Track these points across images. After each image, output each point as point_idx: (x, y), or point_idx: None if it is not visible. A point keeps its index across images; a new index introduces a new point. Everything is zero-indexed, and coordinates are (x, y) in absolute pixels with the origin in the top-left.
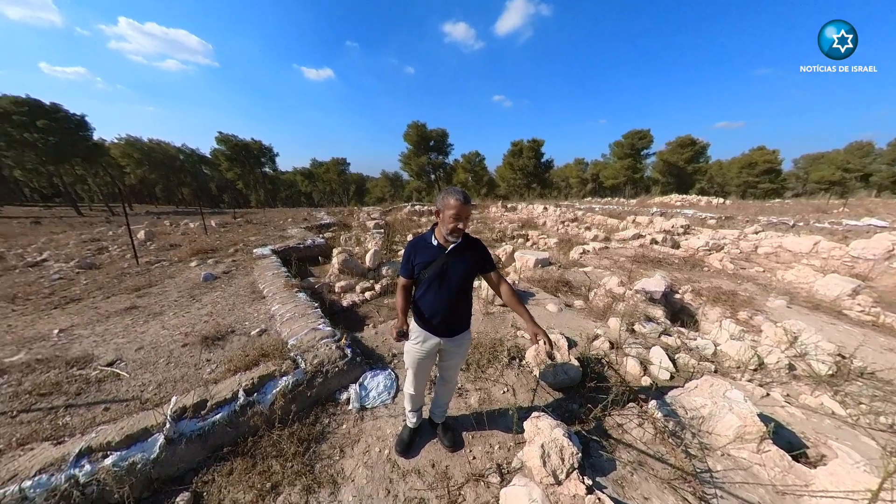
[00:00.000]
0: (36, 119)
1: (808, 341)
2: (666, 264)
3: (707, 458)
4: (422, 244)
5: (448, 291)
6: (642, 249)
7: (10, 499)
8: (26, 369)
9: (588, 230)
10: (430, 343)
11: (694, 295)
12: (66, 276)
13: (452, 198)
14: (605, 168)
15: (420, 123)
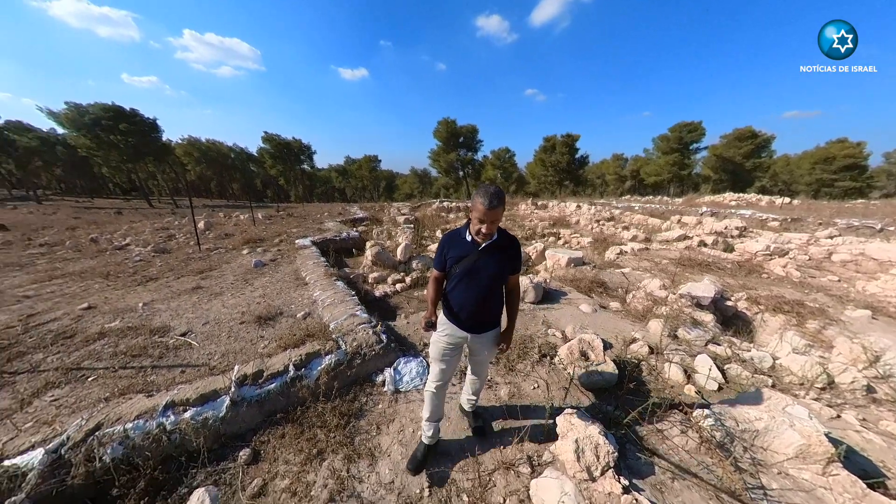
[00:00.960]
0: (119, 123)
1: (894, 361)
2: (716, 269)
3: (760, 475)
4: (456, 238)
5: (477, 287)
6: (688, 252)
7: (117, 435)
8: (120, 334)
9: (626, 230)
10: (457, 337)
11: (750, 303)
12: (145, 259)
13: (479, 200)
14: (647, 164)
15: (450, 120)
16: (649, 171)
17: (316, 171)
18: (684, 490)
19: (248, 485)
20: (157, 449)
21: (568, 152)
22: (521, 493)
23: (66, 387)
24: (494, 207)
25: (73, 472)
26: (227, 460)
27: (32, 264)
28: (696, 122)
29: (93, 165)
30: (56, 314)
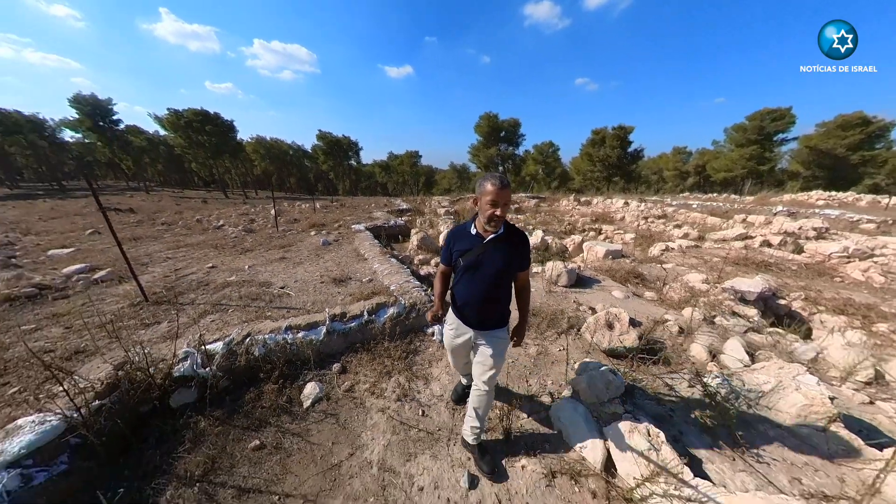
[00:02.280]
0: (205, 125)
1: None
2: (777, 269)
3: (758, 425)
4: (462, 232)
5: (482, 282)
6: (746, 251)
7: (260, 341)
8: (239, 285)
9: (677, 227)
10: (463, 333)
11: (807, 303)
12: (238, 236)
13: (489, 182)
14: (716, 158)
15: (492, 114)
16: (718, 166)
17: (361, 166)
18: (681, 423)
19: (341, 384)
20: (284, 354)
21: (619, 146)
22: (542, 415)
23: (216, 314)
24: (506, 187)
25: (237, 359)
26: (325, 369)
27: (162, 237)
28: (784, 109)
29: (184, 161)
30: (192, 270)
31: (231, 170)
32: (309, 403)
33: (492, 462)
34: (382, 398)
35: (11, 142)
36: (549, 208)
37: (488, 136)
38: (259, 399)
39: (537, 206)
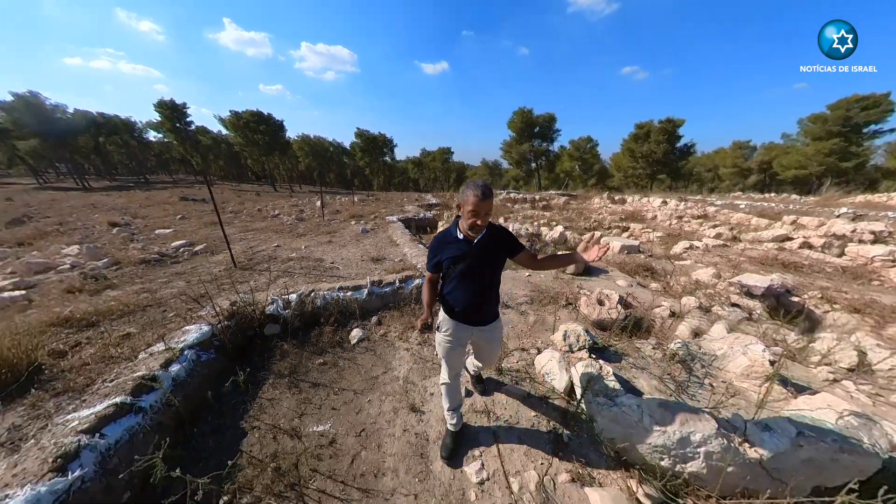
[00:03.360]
0: (260, 125)
1: None
2: (810, 271)
3: (705, 380)
4: (448, 239)
5: (479, 284)
6: (779, 252)
7: (320, 296)
8: (299, 259)
9: (712, 227)
10: (462, 333)
11: (823, 301)
12: (292, 224)
13: (472, 193)
14: (786, 153)
15: (526, 110)
16: (788, 163)
17: (395, 162)
18: (640, 375)
19: (377, 331)
20: (337, 306)
21: (666, 140)
22: (528, 361)
23: (286, 278)
24: (487, 198)
25: (306, 307)
26: (366, 320)
27: (232, 223)
28: (879, 95)
29: (241, 158)
30: (262, 248)
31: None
32: (355, 341)
33: (483, 385)
34: (407, 342)
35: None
36: (579, 206)
37: (521, 132)
38: (320, 336)
39: (567, 204)
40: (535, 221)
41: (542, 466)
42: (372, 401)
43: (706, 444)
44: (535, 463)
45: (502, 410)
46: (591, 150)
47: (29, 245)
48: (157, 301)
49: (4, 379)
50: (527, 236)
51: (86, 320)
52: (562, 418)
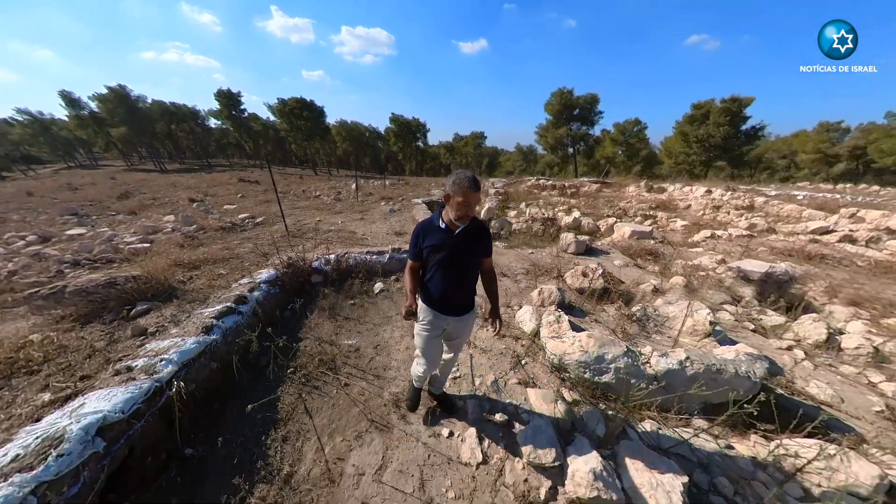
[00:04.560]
0: (303, 111)
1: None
2: (836, 264)
3: (654, 335)
4: (430, 227)
5: (456, 272)
6: (810, 244)
7: (352, 257)
8: (337, 231)
9: (748, 218)
10: (439, 323)
11: (825, 293)
12: (331, 203)
13: (462, 186)
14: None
15: (566, 90)
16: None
17: (428, 147)
18: (596, 327)
19: (395, 286)
20: (364, 266)
21: (728, 122)
22: (511, 315)
23: (326, 244)
24: (477, 190)
25: (341, 264)
26: (387, 277)
27: (282, 202)
28: None
29: (286, 143)
30: (307, 222)
31: (319, 150)
32: (377, 291)
33: (450, 405)
34: None
35: (181, 128)
36: (611, 194)
37: (559, 115)
38: (352, 286)
39: (598, 192)
40: (555, 207)
41: (500, 373)
42: (386, 330)
43: (616, 361)
44: (495, 371)
45: (481, 342)
46: (638, 134)
47: (136, 214)
48: (236, 255)
49: (158, 291)
50: (541, 220)
51: (191, 264)
52: (524, 350)
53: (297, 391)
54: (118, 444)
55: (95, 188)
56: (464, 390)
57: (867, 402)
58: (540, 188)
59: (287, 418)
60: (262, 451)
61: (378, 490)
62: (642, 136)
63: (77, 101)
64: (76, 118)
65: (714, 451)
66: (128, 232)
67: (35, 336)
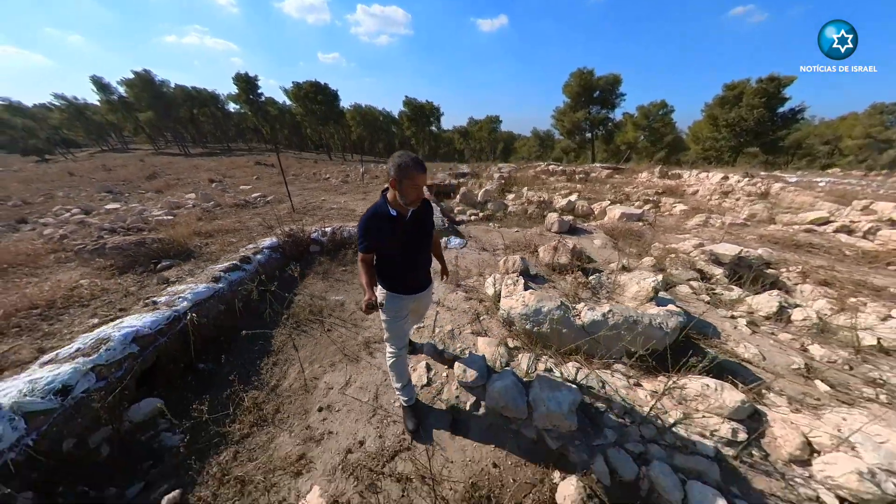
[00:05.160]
0: (317, 95)
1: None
2: (823, 253)
3: (603, 300)
4: (381, 218)
5: (417, 255)
6: (801, 233)
7: (345, 231)
8: (339, 209)
9: (750, 205)
10: (406, 304)
11: (800, 275)
12: (338, 185)
13: (410, 169)
14: None
15: (585, 71)
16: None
17: (441, 132)
18: (552, 292)
19: None
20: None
21: (764, 105)
22: (481, 283)
23: (327, 219)
24: (425, 171)
25: (336, 236)
26: None
27: (294, 183)
28: None
29: (302, 128)
30: (313, 201)
31: (334, 135)
32: None
33: (412, 347)
34: None
35: (202, 113)
36: (621, 180)
37: (577, 97)
38: (345, 255)
39: (608, 178)
40: (557, 192)
41: (458, 325)
42: None
43: (550, 314)
44: (454, 323)
45: (449, 302)
46: (664, 118)
47: (162, 192)
48: (246, 227)
49: (179, 252)
50: (536, 203)
51: (207, 233)
52: (484, 310)
53: (289, 332)
54: (147, 350)
55: (127, 169)
56: (424, 337)
57: (789, 361)
58: (549, 173)
59: (278, 350)
60: (256, 370)
61: (340, 398)
62: (668, 119)
63: (107, 86)
64: (107, 103)
65: (622, 386)
66: (155, 207)
67: (84, 281)
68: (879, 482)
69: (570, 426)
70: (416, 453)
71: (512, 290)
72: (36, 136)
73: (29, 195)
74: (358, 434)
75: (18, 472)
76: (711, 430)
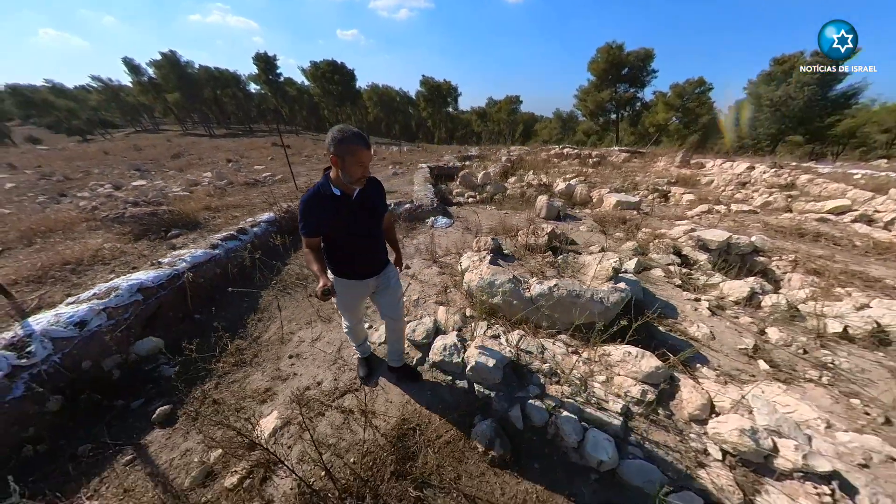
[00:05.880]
0: (334, 75)
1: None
2: (830, 244)
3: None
4: (323, 199)
5: (367, 235)
6: (814, 223)
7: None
8: None
9: (768, 196)
10: (358, 288)
11: (791, 264)
12: None
13: (353, 145)
14: None
15: (614, 45)
16: None
17: (459, 113)
18: (519, 269)
19: None
20: None
21: (816, 82)
22: (457, 260)
23: None
24: (369, 147)
25: None
26: None
27: (304, 164)
28: None
29: (320, 109)
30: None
31: (351, 116)
32: None
33: (412, 373)
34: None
35: (225, 94)
36: (637, 166)
37: (604, 75)
38: None
39: (625, 163)
40: (562, 176)
41: (425, 295)
42: None
43: (502, 286)
44: (422, 294)
45: (424, 276)
46: (700, 97)
47: (183, 171)
48: (251, 203)
49: (188, 223)
50: (536, 187)
51: (216, 208)
52: (453, 284)
53: (275, 294)
54: (150, 300)
55: (155, 149)
56: None
57: (739, 342)
58: (561, 157)
59: (264, 309)
60: (243, 323)
61: (309, 349)
62: (705, 99)
63: (138, 68)
64: (138, 84)
65: (560, 352)
66: (175, 184)
67: (107, 244)
68: (759, 439)
69: (494, 379)
70: (363, 395)
71: (477, 266)
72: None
73: (70, 172)
74: (318, 377)
75: (50, 380)
76: (626, 391)
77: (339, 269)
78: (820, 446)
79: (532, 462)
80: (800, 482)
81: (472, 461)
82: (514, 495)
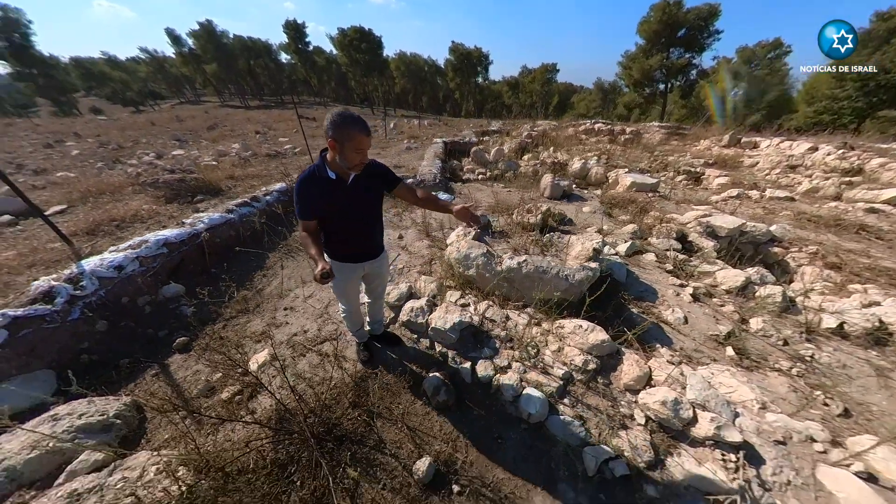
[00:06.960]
0: (361, 43)
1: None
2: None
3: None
4: (319, 182)
5: (362, 221)
6: (857, 212)
7: None
8: None
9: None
10: (351, 273)
11: (809, 256)
12: None
13: (353, 131)
14: None
15: (672, 2)
16: None
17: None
18: (507, 248)
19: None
20: None
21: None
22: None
23: None
24: (370, 133)
25: None
26: None
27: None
28: None
29: (347, 80)
30: None
31: (378, 87)
32: None
33: (392, 338)
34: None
35: (258, 64)
36: (676, 146)
37: (655, 38)
38: None
39: (662, 142)
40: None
41: (410, 265)
42: None
43: (476, 259)
44: (408, 264)
45: (413, 248)
46: (773, 64)
47: (216, 141)
48: (269, 174)
49: (212, 190)
50: (549, 165)
51: (238, 177)
52: (440, 255)
53: (280, 256)
54: (174, 253)
55: (195, 121)
56: None
57: (712, 329)
58: (591, 133)
59: (269, 267)
60: (250, 277)
61: (302, 304)
62: (777, 66)
63: (179, 38)
64: (180, 55)
65: (523, 322)
66: (207, 154)
67: (145, 206)
68: (679, 409)
69: (451, 339)
70: (337, 343)
71: (460, 240)
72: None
73: (123, 140)
74: (305, 326)
75: (98, 309)
76: (571, 359)
77: (335, 253)
78: (743, 422)
79: (472, 411)
80: (710, 449)
81: (419, 404)
82: (449, 432)
